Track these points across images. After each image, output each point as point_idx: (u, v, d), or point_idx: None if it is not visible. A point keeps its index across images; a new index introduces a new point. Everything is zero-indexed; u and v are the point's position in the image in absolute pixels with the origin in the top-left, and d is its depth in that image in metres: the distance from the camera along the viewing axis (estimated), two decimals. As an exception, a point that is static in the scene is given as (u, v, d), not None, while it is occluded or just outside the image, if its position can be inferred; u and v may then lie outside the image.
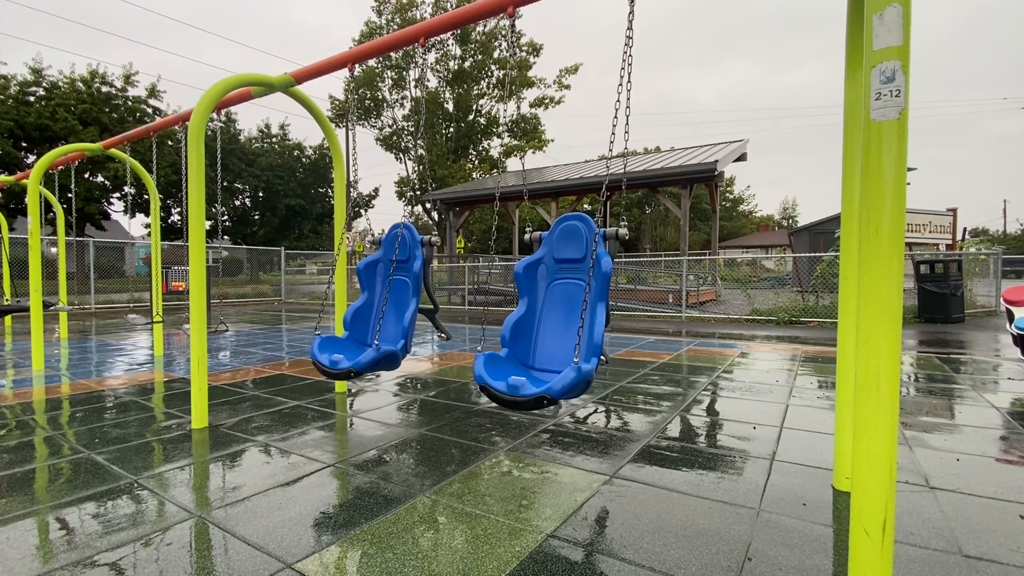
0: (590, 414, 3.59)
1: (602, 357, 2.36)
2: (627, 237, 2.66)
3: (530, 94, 28.13)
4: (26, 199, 8.44)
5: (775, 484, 2.37)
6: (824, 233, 15.81)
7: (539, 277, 2.94)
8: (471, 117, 29.06)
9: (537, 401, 2.15)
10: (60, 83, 22.04)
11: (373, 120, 28.58)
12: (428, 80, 27.24)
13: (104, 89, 23.10)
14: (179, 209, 26.23)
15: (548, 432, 3.17)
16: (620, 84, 2.21)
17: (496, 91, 28.42)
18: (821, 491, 2.29)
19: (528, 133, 27.89)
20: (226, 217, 30.94)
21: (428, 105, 26.53)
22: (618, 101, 2.20)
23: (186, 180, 3.45)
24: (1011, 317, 4.37)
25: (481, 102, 29.00)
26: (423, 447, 2.94)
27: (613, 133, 2.30)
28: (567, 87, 28.26)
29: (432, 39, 10.79)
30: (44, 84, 21.84)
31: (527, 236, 2.94)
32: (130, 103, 23.94)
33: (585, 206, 23.35)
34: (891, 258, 1.37)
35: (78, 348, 6.98)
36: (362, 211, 31.06)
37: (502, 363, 2.58)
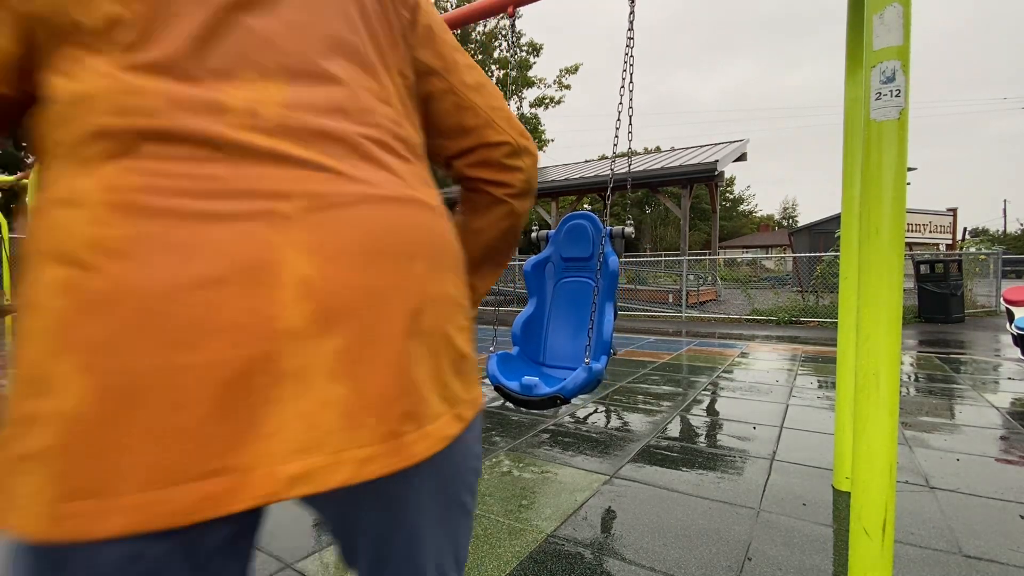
0: (590, 414, 3.59)
1: (612, 351, 2.41)
2: (633, 236, 2.66)
3: (530, 94, 28.14)
4: (27, 199, 8.44)
5: (775, 484, 2.37)
6: (824, 233, 15.78)
7: (547, 275, 2.96)
8: (471, 117, 29.04)
9: (551, 400, 2.21)
10: (60, 83, 22.06)
11: (373, 120, 28.55)
12: (428, 80, 27.12)
13: (104, 89, 23.11)
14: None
15: (548, 432, 3.17)
16: (623, 85, 2.21)
17: (496, 91, 28.40)
18: (821, 491, 2.29)
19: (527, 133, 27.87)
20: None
21: (428, 105, 26.45)
22: (620, 103, 2.20)
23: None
24: (1011, 317, 4.38)
25: (481, 102, 29.01)
26: (423, 447, 2.93)
27: (617, 131, 2.31)
28: (567, 87, 28.27)
29: (432, 39, 10.74)
30: (44, 84, 21.87)
31: (534, 234, 2.96)
32: (130, 103, 23.94)
33: (585, 206, 23.37)
34: (891, 258, 1.37)
35: (78, 348, 6.96)
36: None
37: (514, 361, 2.65)
